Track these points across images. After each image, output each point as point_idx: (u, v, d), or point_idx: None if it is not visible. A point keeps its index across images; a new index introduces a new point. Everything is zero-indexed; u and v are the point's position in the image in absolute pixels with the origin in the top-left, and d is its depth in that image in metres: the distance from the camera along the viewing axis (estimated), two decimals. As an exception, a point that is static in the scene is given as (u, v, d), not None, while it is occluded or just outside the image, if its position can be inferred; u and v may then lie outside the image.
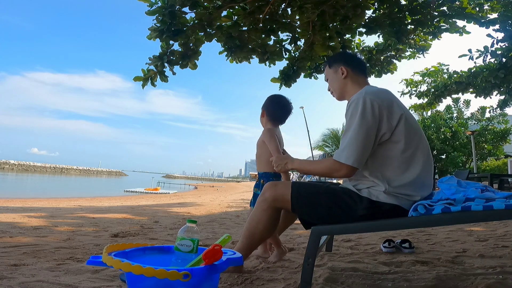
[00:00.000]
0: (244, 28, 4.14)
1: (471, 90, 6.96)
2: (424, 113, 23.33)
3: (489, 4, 4.65)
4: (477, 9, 4.52)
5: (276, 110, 2.14)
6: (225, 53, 4.46)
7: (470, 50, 5.68)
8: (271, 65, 4.74)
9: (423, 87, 7.83)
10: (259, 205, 1.59)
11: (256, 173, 2.19)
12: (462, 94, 7.46)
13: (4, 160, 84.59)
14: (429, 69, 7.53)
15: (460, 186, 1.45)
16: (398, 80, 7.99)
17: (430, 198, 1.42)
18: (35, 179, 41.57)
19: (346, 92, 1.65)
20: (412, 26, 4.65)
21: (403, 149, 1.40)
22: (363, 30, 4.58)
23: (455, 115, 24.66)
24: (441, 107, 20.62)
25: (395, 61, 5.49)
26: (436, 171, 18.63)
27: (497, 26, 4.68)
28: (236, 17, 3.97)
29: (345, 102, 1.63)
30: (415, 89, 7.89)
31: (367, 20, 4.35)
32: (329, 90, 1.77)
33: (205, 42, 4.08)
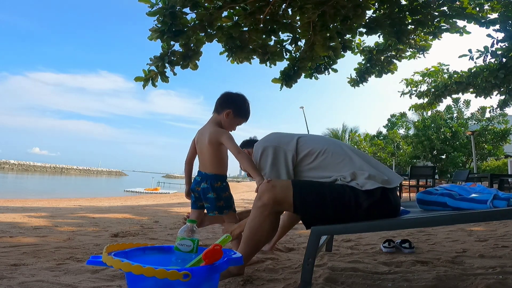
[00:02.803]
0: (245, 29, 4.14)
1: (471, 90, 6.97)
2: (424, 113, 23.32)
3: (489, 4, 4.65)
4: (477, 9, 4.52)
5: (247, 107, 1.99)
6: (226, 53, 4.46)
7: (470, 50, 5.68)
8: (272, 65, 4.74)
9: (423, 87, 7.84)
10: (258, 211, 1.48)
11: None
12: (462, 94, 7.46)
13: (4, 160, 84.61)
14: (429, 69, 7.54)
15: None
16: (398, 80, 8.00)
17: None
18: (35, 179, 41.59)
19: None
20: (412, 26, 4.65)
21: (318, 154, 1.58)
22: (364, 30, 4.59)
23: (455, 115, 24.66)
24: (441, 107, 20.62)
25: (395, 61, 5.49)
26: (436, 171, 18.62)
27: (497, 26, 4.68)
28: (236, 17, 3.97)
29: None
30: (415, 89, 7.89)
31: (367, 20, 4.35)
32: None
33: (206, 42, 4.08)
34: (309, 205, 1.46)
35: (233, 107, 1.94)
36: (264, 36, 4.28)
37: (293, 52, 4.89)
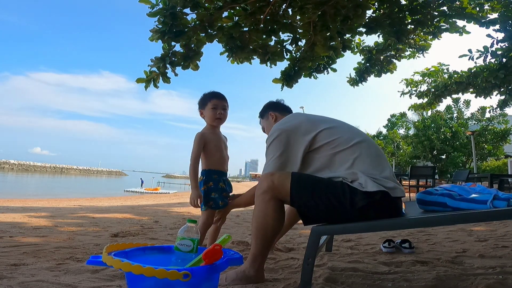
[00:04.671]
0: (245, 29, 4.14)
1: (471, 90, 6.97)
2: (424, 113, 23.34)
3: (489, 4, 4.66)
4: (477, 9, 4.53)
5: (207, 92, 2.22)
6: (226, 54, 4.46)
7: (470, 50, 5.68)
8: (272, 65, 4.74)
9: (423, 87, 7.84)
10: (260, 199, 1.48)
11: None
12: (462, 94, 7.46)
13: (4, 160, 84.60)
14: (429, 69, 7.54)
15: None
16: (398, 80, 8.00)
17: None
18: (35, 179, 41.60)
19: None
20: (412, 26, 4.66)
21: (336, 146, 1.52)
22: (364, 30, 4.59)
23: (455, 115, 24.68)
24: (441, 107, 20.64)
25: (394, 60, 5.50)
26: (436, 171, 18.61)
27: (497, 26, 4.69)
28: (237, 17, 3.97)
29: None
30: (415, 89, 7.90)
31: (367, 20, 4.35)
32: None
33: (207, 43, 4.08)
34: (304, 196, 1.45)
35: (198, 104, 2.22)
36: (264, 36, 4.28)
37: (293, 52, 4.89)
